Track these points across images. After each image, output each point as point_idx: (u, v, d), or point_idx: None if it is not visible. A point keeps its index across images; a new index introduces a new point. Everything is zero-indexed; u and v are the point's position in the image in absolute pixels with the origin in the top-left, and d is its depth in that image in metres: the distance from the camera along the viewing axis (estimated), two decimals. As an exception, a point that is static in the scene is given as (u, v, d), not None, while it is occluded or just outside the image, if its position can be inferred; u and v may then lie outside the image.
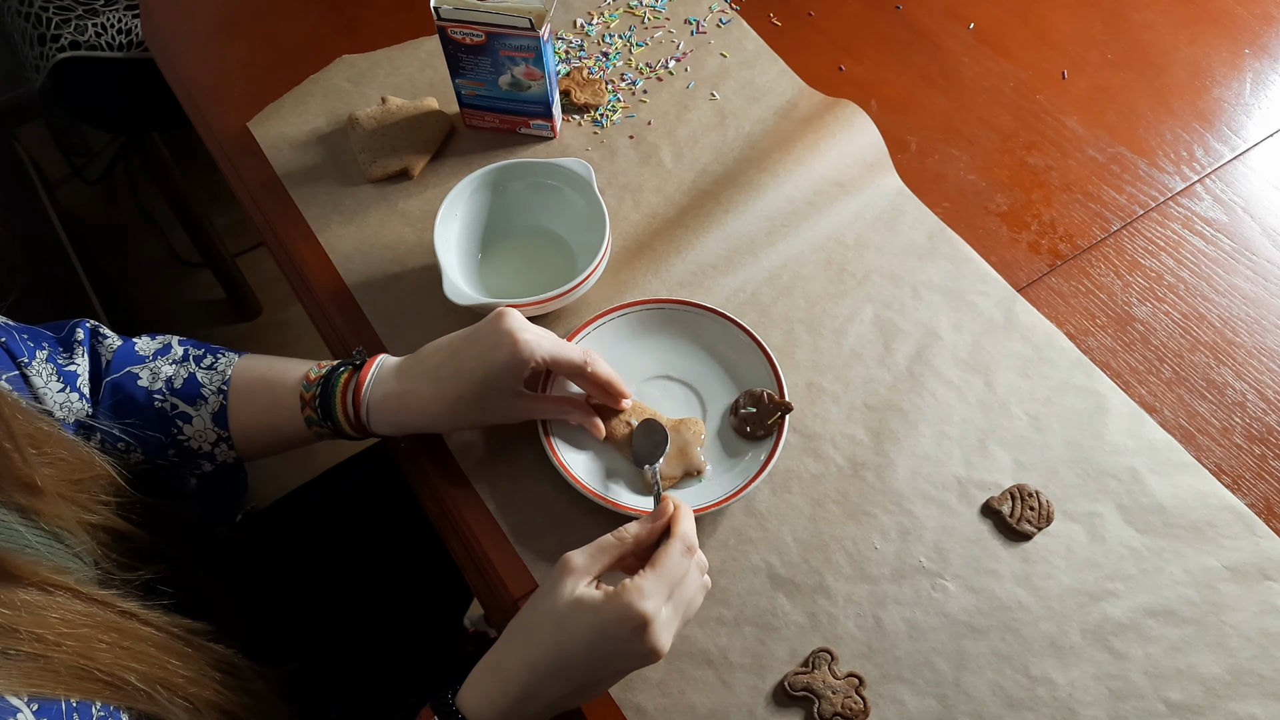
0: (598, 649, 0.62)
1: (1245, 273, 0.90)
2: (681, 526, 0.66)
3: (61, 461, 0.64)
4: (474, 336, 0.76)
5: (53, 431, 0.65)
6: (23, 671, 0.50)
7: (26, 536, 0.58)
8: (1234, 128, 0.99)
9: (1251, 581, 0.75)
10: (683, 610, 0.65)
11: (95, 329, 0.80)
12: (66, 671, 0.52)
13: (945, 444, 0.81)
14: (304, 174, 0.99)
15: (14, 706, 0.49)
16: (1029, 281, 0.90)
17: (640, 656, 0.63)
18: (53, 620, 0.53)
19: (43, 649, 0.52)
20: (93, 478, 0.67)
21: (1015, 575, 0.75)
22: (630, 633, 0.61)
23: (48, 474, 0.62)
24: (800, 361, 0.86)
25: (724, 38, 1.08)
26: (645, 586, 0.62)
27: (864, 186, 0.96)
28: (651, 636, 0.62)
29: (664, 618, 0.62)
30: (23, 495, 0.59)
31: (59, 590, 0.55)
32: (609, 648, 0.62)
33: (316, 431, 0.79)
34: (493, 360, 0.74)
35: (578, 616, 0.62)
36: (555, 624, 0.63)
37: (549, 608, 0.63)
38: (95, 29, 1.40)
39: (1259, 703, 0.70)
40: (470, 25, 0.90)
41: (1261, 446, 0.81)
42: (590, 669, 0.63)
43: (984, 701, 0.70)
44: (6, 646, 0.50)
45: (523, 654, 0.63)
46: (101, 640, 0.55)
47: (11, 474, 0.58)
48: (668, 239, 0.92)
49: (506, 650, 0.65)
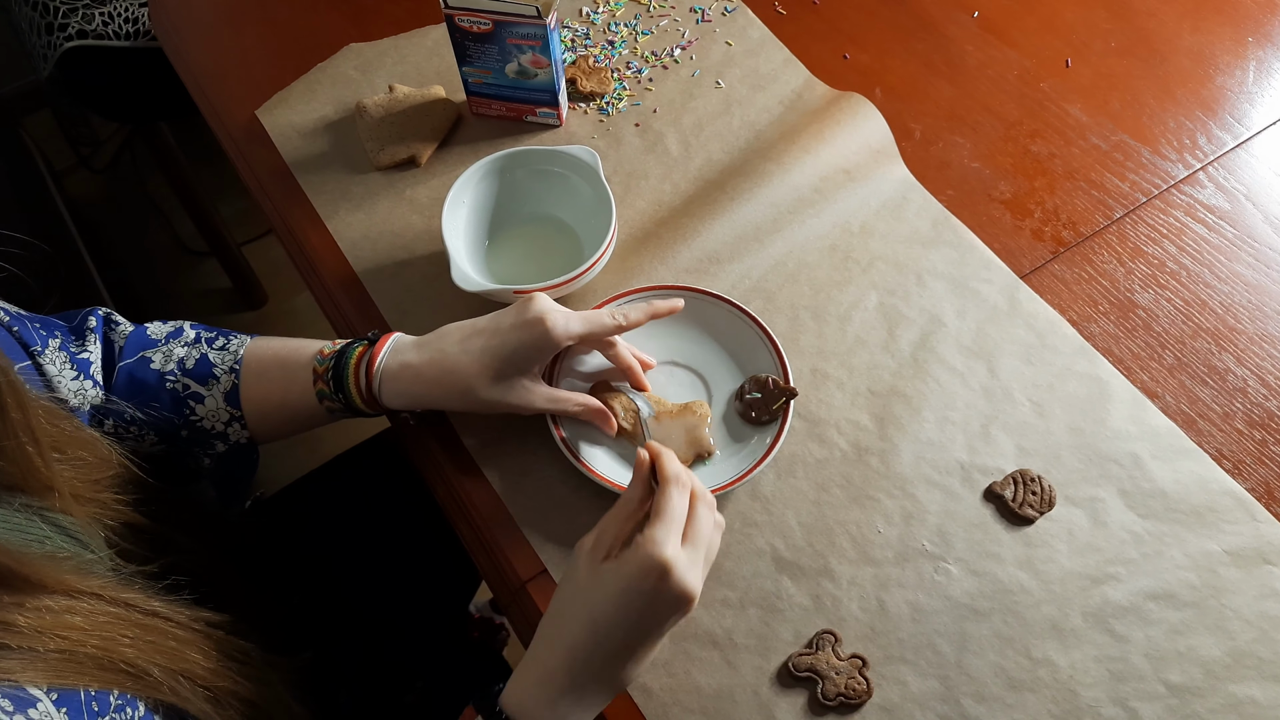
0: (630, 610, 0.62)
1: (1247, 260, 0.91)
2: (668, 469, 0.66)
3: (82, 463, 0.65)
4: (502, 315, 0.76)
5: (76, 434, 0.66)
6: (48, 665, 0.51)
7: (49, 534, 0.59)
8: (1237, 116, 1.00)
9: (1251, 566, 0.75)
10: (703, 549, 0.65)
11: (108, 316, 0.81)
12: (90, 663, 0.53)
13: (948, 429, 0.82)
14: (312, 162, 0.99)
15: (34, 696, 0.49)
16: (1032, 268, 0.91)
17: (674, 603, 0.63)
18: (77, 621, 0.54)
19: (67, 645, 0.52)
20: (111, 476, 0.68)
21: (1017, 559, 0.76)
22: (656, 583, 0.61)
23: (68, 475, 0.62)
24: (805, 348, 0.86)
25: (729, 26, 1.09)
26: (655, 535, 0.62)
27: (870, 174, 0.97)
28: (677, 580, 0.62)
29: (684, 560, 0.62)
30: (44, 497, 0.60)
31: (84, 595, 0.56)
32: (640, 604, 0.62)
33: (328, 406, 0.79)
34: (523, 338, 0.74)
35: (601, 586, 0.63)
36: (583, 601, 0.63)
37: (572, 591, 0.64)
38: (102, 18, 1.41)
39: (1258, 685, 0.71)
40: (478, 13, 0.91)
41: (1262, 431, 0.82)
42: (629, 632, 0.63)
43: (986, 683, 0.71)
44: (30, 645, 0.51)
45: (561, 641, 0.64)
46: (125, 635, 0.56)
47: (35, 477, 0.58)
48: (674, 226, 0.93)
49: (544, 644, 0.65)
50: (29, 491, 0.58)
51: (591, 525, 0.67)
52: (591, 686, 0.64)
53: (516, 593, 0.76)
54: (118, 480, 0.68)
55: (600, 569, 0.63)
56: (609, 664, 0.64)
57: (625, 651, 0.64)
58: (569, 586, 0.65)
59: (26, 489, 0.58)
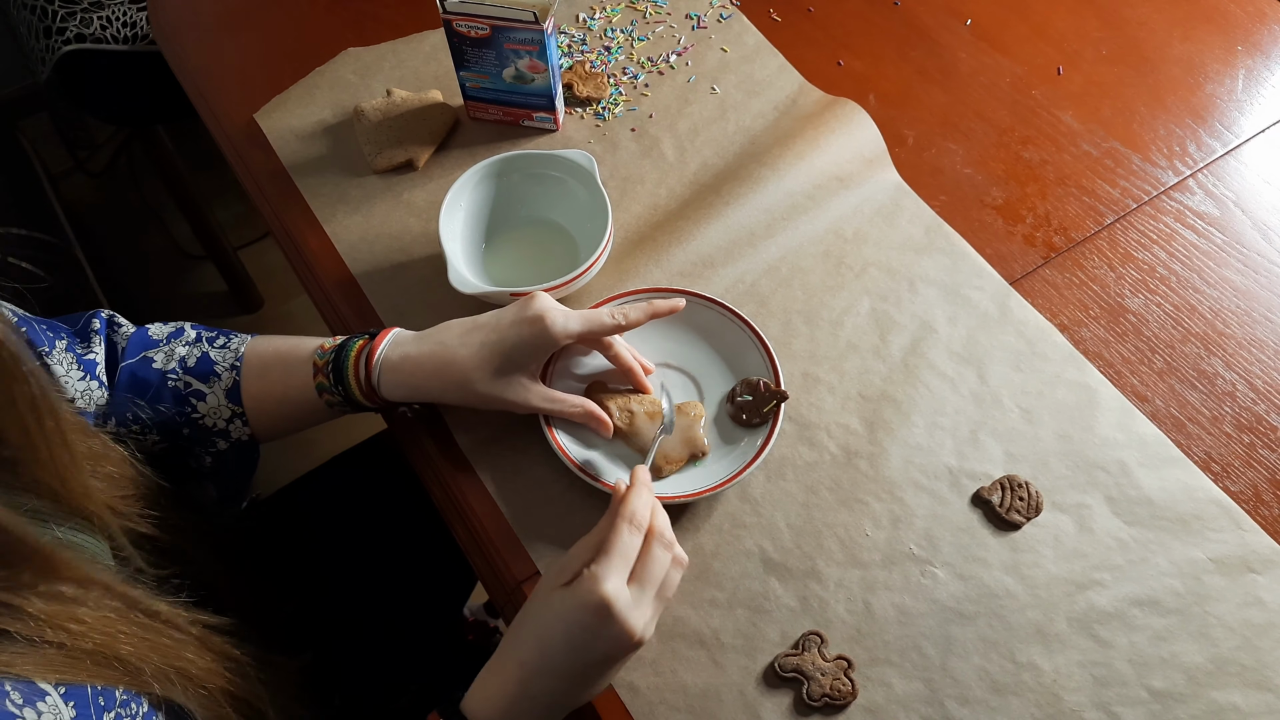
0: (572, 639, 0.63)
1: (1236, 265, 0.91)
2: (627, 506, 0.66)
3: (110, 479, 0.67)
4: (503, 312, 0.78)
5: (107, 452, 0.67)
6: (51, 659, 0.52)
7: (61, 533, 0.60)
8: (1226, 123, 1.01)
9: (1235, 574, 0.76)
10: (654, 588, 0.65)
11: (111, 318, 0.82)
12: (92, 659, 0.54)
13: (938, 434, 0.82)
14: (310, 165, 1.00)
15: (43, 690, 0.50)
16: (1023, 273, 0.92)
17: (617, 640, 0.63)
18: (82, 613, 0.55)
19: (71, 638, 0.53)
20: (136, 495, 0.69)
21: (1004, 564, 0.76)
22: (596, 619, 0.62)
23: (98, 488, 0.64)
24: (797, 352, 0.87)
25: (724, 32, 1.10)
26: (599, 571, 0.63)
27: (863, 181, 0.97)
28: (619, 619, 0.62)
29: (625, 599, 0.63)
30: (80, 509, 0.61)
31: (94, 586, 0.57)
32: (584, 637, 0.63)
33: (327, 400, 0.79)
34: (522, 334, 0.75)
35: (549, 610, 0.64)
36: (534, 620, 0.65)
37: (531, 608, 0.66)
38: (100, 22, 1.42)
39: (1240, 692, 0.71)
40: (475, 19, 0.91)
41: (1250, 435, 0.82)
42: (572, 659, 0.64)
43: (970, 686, 0.72)
44: (37, 635, 0.51)
45: (514, 653, 0.66)
46: (124, 630, 0.57)
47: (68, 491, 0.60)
48: (669, 230, 0.94)
49: (502, 652, 0.67)
50: (65, 502, 0.60)
51: (581, 523, 0.67)
52: (543, 699, 0.65)
53: (512, 593, 0.77)
54: (141, 496, 0.70)
55: (553, 594, 0.64)
56: (557, 684, 0.65)
57: (573, 676, 0.65)
58: (531, 604, 0.66)
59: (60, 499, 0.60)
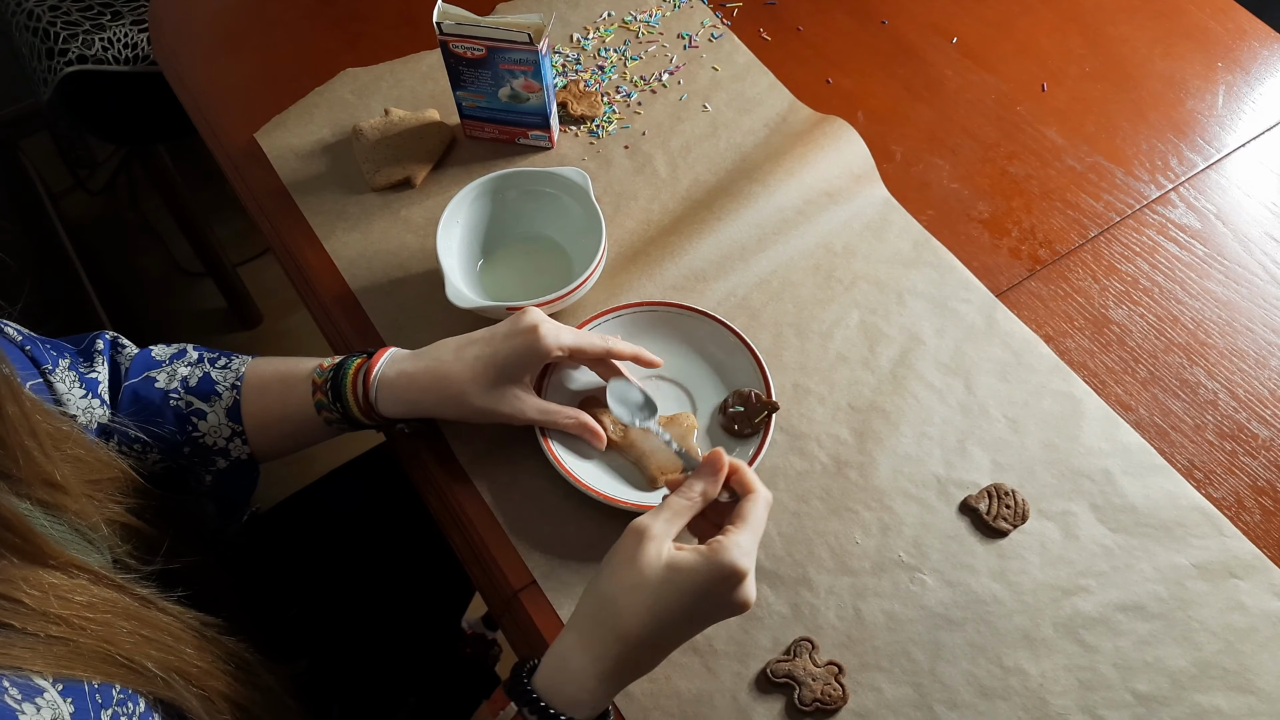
0: (697, 609, 0.63)
1: (1217, 277, 0.93)
2: (757, 482, 0.67)
3: (79, 460, 0.66)
4: (497, 327, 0.79)
5: (71, 431, 0.67)
6: (49, 653, 0.52)
7: (50, 529, 0.61)
8: (1207, 138, 1.03)
9: (1218, 579, 0.77)
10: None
11: (115, 339, 0.83)
12: (90, 654, 0.54)
13: (926, 444, 0.84)
14: (310, 183, 1.02)
15: (40, 686, 0.51)
16: (1009, 286, 0.93)
17: (735, 608, 0.64)
18: (77, 603, 0.55)
19: (69, 632, 0.53)
20: (110, 479, 0.70)
21: (991, 570, 0.78)
22: (730, 589, 0.62)
23: (67, 471, 0.64)
24: (788, 363, 0.88)
25: (716, 52, 1.12)
26: (743, 543, 0.63)
27: (852, 196, 0.99)
28: (746, 589, 0.63)
29: (753, 570, 0.64)
30: (45, 491, 0.61)
31: (82, 572, 0.57)
32: (708, 607, 0.63)
33: (326, 417, 0.81)
34: (515, 345, 0.77)
35: (675, 580, 0.62)
36: (649, 591, 0.62)
37: (635, 577, 0.62)
38: (102, 43, 1.44)
39: (1223, 695, 0.73)
40: (471, 40, 0.93)
41: (1232, 443, 0.84)
42: (687, 628, 0.64)
43: (958, 690, 0.73)
44: (34, 628, 0.52)
45: (613, 627, 0.62)
46: (122, 625, 0.58)
47: (34, 470, 0.60)
48: (662, 245, 0.95)
49: (592, 625, 0.64)
50: (32, 486, 0.60)
51: (576, 533, 0.68)
52: (630, 671, 0.64)
53: (509, 602, 0.78)
54: (118, 484, 0.70)
55: (676, 563, 0.62)
56: (657, 653, 0.65)
57: (675, 643, 0.65)
58: (630, 572, 0.62)
59: (30, 484, 0.60)
